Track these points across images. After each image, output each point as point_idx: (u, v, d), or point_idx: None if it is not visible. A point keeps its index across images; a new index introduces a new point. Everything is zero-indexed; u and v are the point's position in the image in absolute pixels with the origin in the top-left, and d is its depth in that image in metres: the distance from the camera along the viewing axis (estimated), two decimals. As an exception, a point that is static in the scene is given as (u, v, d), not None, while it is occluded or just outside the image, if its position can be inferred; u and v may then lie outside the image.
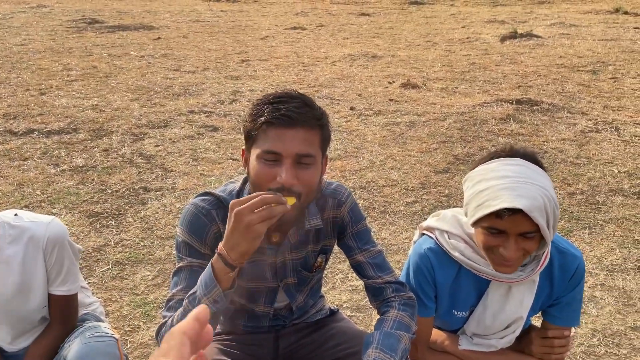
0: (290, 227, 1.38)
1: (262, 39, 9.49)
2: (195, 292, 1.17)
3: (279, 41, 9.24)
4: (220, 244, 1.15)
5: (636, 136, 4.33)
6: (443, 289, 1.40)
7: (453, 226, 1.39)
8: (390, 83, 6.27)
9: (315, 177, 1.24)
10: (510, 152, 1.27)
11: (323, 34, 10.04)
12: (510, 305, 1.34)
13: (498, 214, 1.17)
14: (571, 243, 1.39)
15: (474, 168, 1.32)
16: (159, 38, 9.26)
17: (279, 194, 1.15)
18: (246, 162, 1.29)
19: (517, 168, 1.22)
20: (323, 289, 2.39)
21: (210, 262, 1.17)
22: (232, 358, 1.51)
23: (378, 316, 1.40)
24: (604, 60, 7.27)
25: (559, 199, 3.28)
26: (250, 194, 1.24)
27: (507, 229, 1.19)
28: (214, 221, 1.32)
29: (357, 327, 1.65)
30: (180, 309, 1.20)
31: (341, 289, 2.40)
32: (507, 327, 1.38)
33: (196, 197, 1.38)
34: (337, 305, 2.26)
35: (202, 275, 1.18)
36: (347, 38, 9.58)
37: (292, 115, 1.18)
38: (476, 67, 7.07)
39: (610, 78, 6.33)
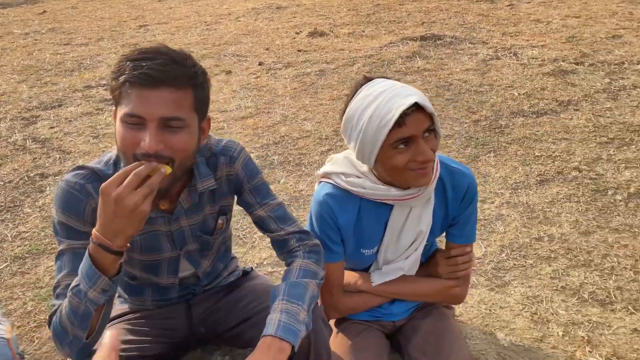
0: (179, 192, 1.30)
1: (159, 1, 8.94)
2: (78, 284, 1.07)
3: (177, 1, 8.74)
4: (95, 232, 1.04)
5: (533, 58, 4.51)
6: (347, 230, 1.39)
7: (347, 167, 1.38)
8: (297, 33, 6.13)
9: (188, 142, 1.13)
10: (367, 79, 1.28)
11: (224, -10, 9.60)
12: (410, 223, 1.36)
13: (399, 123, 1.18)
14: (460, 163, 1.41)
15: (343, 113, 1.29)
16: (44, 12, 8.48)
17: (152, 162, 1.06)
18: None
19: (384, 83, 1.25)
20: (241, 250, 2.35)
21: (87, 253, 1.07)
22: (144, 335, 1.45)
23: None
24: (501, -12, 7.46)
25: (466, 127, 3.38)
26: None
27: (412, 133, 1.19)
28: (90, 196, 1.21)
29: (270, 282, 1.62)
30: (66, 302, 1.10)
31: (261, 246, 2.37)
32: (410, 245, 1.40)
33: (69, 172, 1.26)
34: (256, 264, 2.24)
35: (81, 267, 1.08)
36: (250, -9, 9.22)
37: (155, 74, 1.06)
38: (381, 8, 7.04)
39: (507, 5, 6.53)
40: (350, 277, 1.51)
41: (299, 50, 5.44)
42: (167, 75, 1.08)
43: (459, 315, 1.86)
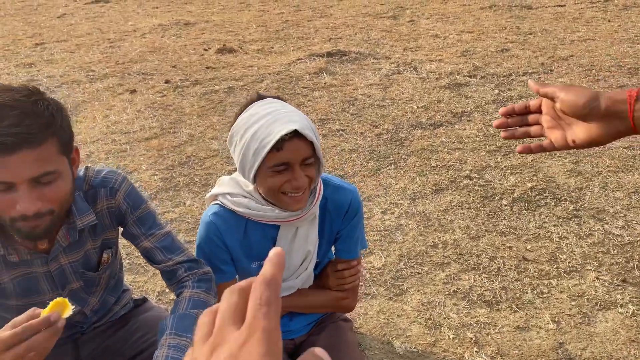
0: (57, 231, 1.25)
1: (59, 17, 8.50)
2: None
3: (79, 18, 8.36)
4: None
5: (431, 72, 4.78)
6: (235, 248, 1.41)
7: (232, 187, 1.39)
8: (205, 50, 6.07)
9: (64, 189, 1.09)
10: (259, 97, 1.31)
11: (130, 5, 9.31)
12: (298, 243, 1.39)
13: (277, 147, 1.20)
14: (344, 181, 1.47)
15: (231, 126, 1.31)
16: None
17: (43, 315, 0.96)
18: None
19: (274, 104, 1.28)
20: (142, 278, 2.28)
21: None
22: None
23: None
24: (402, 5, 7.84)
25: (369, 141, 3.51)
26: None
27: (290, 159, 1.23)
28: None
29: (164, 312, 1.59)
30: None
31: (163, 273, 2.31)
32: (300, 265, 1.44)
33: None
34: (158, 292, 2.18)
35: None
36: (157, 7, 9.02)
37: (9, 142, 0.99)
38: (289, 24, 7.15)
39: (409, 21, 6.87)
40: None
41: (207, 67, 5.39)
42: (23, 137, 1.00)
43: (359, 327, 1.92)
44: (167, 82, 5.02)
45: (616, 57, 4.76)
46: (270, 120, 1.23)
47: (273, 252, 0.39)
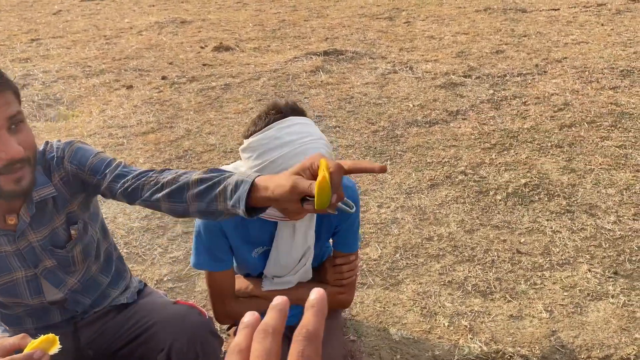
0: (20, 205, 1.23)
1: (54, 14, 8.49)
2: None
3: (75, 15, 8.35)
4: None
5: (426, 72, 4.82)
6: (233, 235, 1.42)
7: None
8: (202, 48, 6.08)
9: (31, 133, 1.14)
10: (280, 111, 1.30)
11: (126, 3, 9.32)
12: (297, 240, 1.41)
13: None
14: (346, 177, 1.49)
15: (248, 135, 1.31)
16: None
17: (28, 349, 0.95)
18: None
19: (295, 128, 1.26)
20: (140, 267, 2.29)
21: None
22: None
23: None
24: (399, 6, 7.90)
25: (365, 137, 3.54)
26: None
27: None
28: None
29: (164, 297, 1.60)
30: None
31: (161, 263, 2.32)
32: (299, 262, 1.46)
33: None
34: (156, 281, 2.19)
35: None
36: (153, 5, 9.03)
37: None
38: (286, 24, 7.18)
39: (404, 22, 6.92)
40: (242, 283, 1.54)
41: (204, 65, 5.40)
42: None
43: (355, 315, 1.95)
44: (163, 78, 5.03)
45: (609, 60, 4.83)
46: (292, 154, 1.22)
47: (314, 296, 0.38)
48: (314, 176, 0.91)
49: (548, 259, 2.24)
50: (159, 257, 2.36)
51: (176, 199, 1.09)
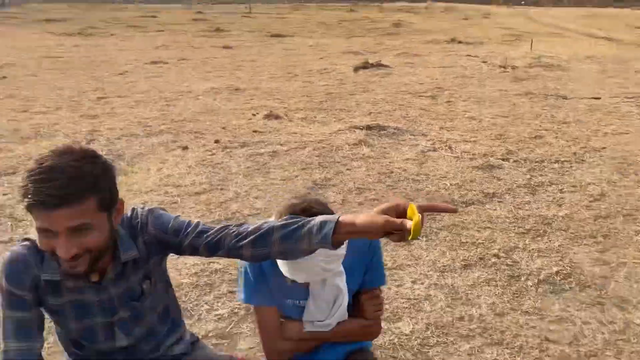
0: (107, 265, 1.45)
1: (120, 74, 9.25)
2: None
3: (139, 76, 9.07)
4: None
5: (465, 152, 5.02)
6: (272, 279, 1.61)
7: None
8: (253, 115, 6.50)
9: (99, 238, 1.30)
10: (306, 209, 1.49)
11: (185, 68, 10.06)
12: (329, 292, 1.60)
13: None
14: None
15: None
16: (4, 77, 8.58)
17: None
18: None
19: None
20: (188, 322, 2.46)
21: None
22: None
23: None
24: (441, 85, 8.26)
25: (403, 213, 3.71)
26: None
27: None
28: (32, 267, 1.37)
29: (215, 353, 1.77)
30: None
31: (207, 319, 2.50)
32: (333, 305, 1.62)
33: (17, 242, 1.42)
34: (202, 336, 2.36)
35: None
36: (210, 71, 9.71)
37: (53, 201, 1.20)
38: (333, 96, 7.61)
39: (446, 102, 7.22)
40: (290, 324, 1.70)
41: (254, 131, 5.78)
42: (65, 199, 1.22)
43: (386, 387, 2.05)
44: (216, 141, 5.41)
45: (647, 152, 4.91)
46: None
47: None
48: (398, 215, 1.16)
49: (576, 349, 2.30)
50: (205, 314, 2.54)
51: (260, 245, 1.31)
